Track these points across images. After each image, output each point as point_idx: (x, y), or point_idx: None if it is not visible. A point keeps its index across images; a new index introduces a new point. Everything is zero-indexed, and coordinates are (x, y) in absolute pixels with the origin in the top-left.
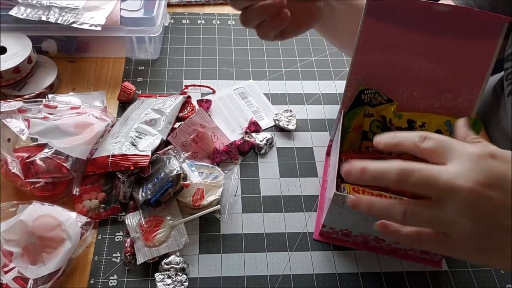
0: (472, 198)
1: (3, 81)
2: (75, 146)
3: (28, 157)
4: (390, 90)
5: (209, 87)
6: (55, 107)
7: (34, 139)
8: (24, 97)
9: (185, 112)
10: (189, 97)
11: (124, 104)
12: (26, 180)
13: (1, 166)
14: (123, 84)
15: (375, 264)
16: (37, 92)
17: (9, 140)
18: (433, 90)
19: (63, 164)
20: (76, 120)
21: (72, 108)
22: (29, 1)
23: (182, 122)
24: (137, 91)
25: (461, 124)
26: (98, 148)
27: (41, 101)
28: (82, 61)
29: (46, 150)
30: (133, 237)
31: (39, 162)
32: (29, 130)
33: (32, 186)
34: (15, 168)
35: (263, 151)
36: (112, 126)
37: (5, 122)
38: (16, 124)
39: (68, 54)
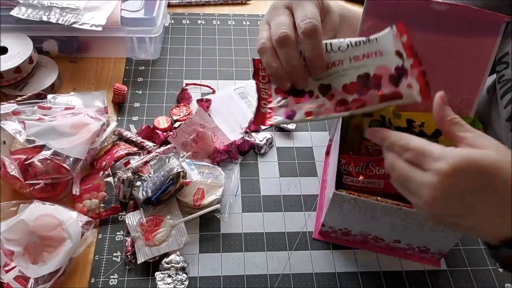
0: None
1: (4, 81)
2: (73, 146)
3: (25, 159)
4: None
5: (209, 87)
6: (49, 108)
7: (30, 141)
8: (23, 97)
9: (181, 115)
10: None
11: (121, 104)
12: (26, 182)
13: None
14: (114, 87)
15: (374, 263)
16: (35, 93)
17: (4, 142)
18: (431, 89)
19: (62, 164)
20: (72, 121)
21: (66, 108)
22: (30, 2)
23: (182, 122)
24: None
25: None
26: None
27: (35, 102)
28: (83, 61)
29: (44, 151)
30: (133, 236)
31: (37, 163)
32: (25, 132)
33: (32, 188)
34: (13, 170)
35: (263, 150)
36: (108, 125)
37: (0, 125)
38: (12, 127)
39: (69, 54)
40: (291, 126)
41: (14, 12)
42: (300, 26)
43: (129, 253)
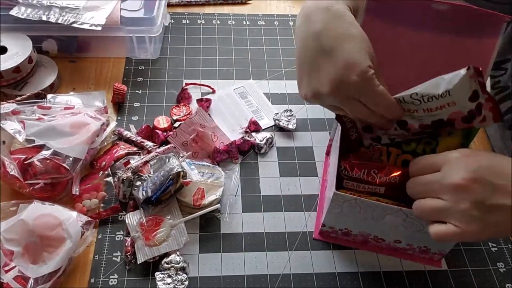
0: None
1: (4, 81)
2: (73, 146)
3: (25, 159)
4: (390, 89)
5: (209, 87)
6: (49, 108)
7: (29, 140)
8: (22, 97)
9: (181, 115)
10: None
11: (120, 104)
12: (25, 182)
13: None
14: (114, 87)
15: (374, 263)
16: (34, 93)
17: (4, 142)
18: None
19: (62, 164)
20: (72, 120)
21: (66, 108)
22: (30, 1)
23: (182, 122)
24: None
25: None
26: None
27: (35, 102)
28: (83, 61)
29: (43, 151)
30: (133, 236)
31: (37, 163)
32: (25, 131)
33: (31, 187)
34: (13, 170)
35: (263, 150)
36: (107, 125)
37: (0, 125)
38: (11, 126)
39: (69, 54)
40: (291, 126)
41: (13, 12)
42: (377, 111)
43: (129, 253)
